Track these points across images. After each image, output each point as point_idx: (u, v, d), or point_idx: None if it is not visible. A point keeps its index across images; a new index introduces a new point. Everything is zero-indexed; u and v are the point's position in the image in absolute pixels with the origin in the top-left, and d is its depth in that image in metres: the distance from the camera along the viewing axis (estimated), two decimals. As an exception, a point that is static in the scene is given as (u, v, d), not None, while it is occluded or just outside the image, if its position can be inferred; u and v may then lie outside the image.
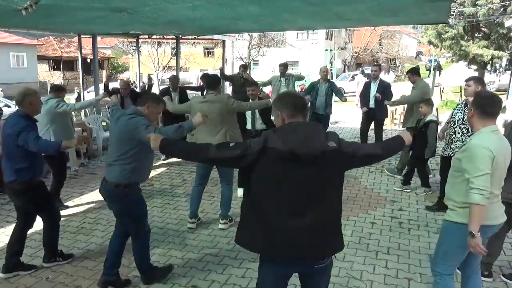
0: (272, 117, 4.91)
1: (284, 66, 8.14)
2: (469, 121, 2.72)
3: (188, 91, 7.76)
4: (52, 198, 3.77)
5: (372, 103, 7.12)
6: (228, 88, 11.92)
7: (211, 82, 4.45)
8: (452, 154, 4.52)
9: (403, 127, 6.44)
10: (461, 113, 4.64)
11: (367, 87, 7.28)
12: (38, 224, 3.76)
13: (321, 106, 7.33)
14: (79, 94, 17.95)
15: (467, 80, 4.58)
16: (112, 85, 10.43)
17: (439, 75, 25.18)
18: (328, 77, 7.70)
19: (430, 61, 35.64)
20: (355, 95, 17.09)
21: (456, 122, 4.67)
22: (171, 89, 7.25)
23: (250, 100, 5.14)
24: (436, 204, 5.10)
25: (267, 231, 2.04)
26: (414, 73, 6.39)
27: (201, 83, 8.96)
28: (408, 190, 5.78)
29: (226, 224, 4.52)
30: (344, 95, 8.16)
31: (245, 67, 9.13)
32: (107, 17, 5.29)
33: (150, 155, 3.26)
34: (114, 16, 5.11)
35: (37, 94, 3.54)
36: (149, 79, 7.88)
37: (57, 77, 33.93)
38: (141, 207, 3.29)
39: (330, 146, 2.01)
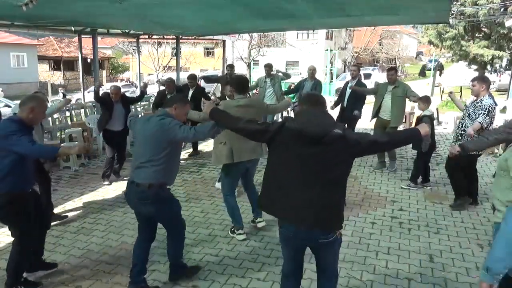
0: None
1: (268, 67, 8.18)
2: None
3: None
4: (32, 217, 3.29)
5: (345, 103, 7.26)
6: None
7: (240, 85, 4.13)
8: None
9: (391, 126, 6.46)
10: (465, 109, 4.85)
11: (345, 86, 7.40)
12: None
13: None
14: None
15: (472, 80, 4.86)
16: (112, 84, 10.47)
17: (440, 75, 25.20)
18: (316, 76, 8.05)
19: (430, 61, 35.65)
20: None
21: (462, 119, 4.93)
22: (166, 92, 7.01)
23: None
24: (456, 199, 5.17)
25: (278, 196, 2.40)
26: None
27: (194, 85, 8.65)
28: (428, 188, 5.89)
29: (263, 222, 4.44)
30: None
31: (231, 67, 8.85)
32: (107, 8, 5.25)
33: (178, 157, 3.33)
34: (114, 7, 5.06)
35: (43, 103, 3.28)
36: (145, 86, 7.36)
37: (58, 77, 33.96)
38: (175, 204, 3.34)
39: (335, 131, 2.29)
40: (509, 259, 2.02)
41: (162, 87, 9.23)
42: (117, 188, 5.92)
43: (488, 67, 18.00)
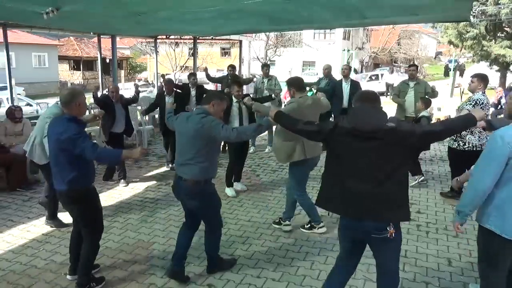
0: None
1: (266, 67, 8.18)
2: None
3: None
4: (101, 212, 3.40)
5: (345, 103, 7.27)
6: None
7: (300, 84, 4.20)
8: (460, 146, 5.08)
9: None
10: (466, 104, 5.02)
11: (340, 86, 7.48)
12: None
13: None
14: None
15: (472, 77, 5.08)
16: (128, 85, 10.53)
17: (461, 76, 24.69)
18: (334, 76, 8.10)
19: (450, 61, 35.00)
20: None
21: None
22: (165, 93, 6.75)
23: (234, 100, 5.48)
24: (450, 191, 5.44)
25: (336, 193, 2.51)
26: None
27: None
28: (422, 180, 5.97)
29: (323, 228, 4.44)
30: None
31: (233, 67, 8.68)
32: (126, 18, 5.38)
33: (219, 150, 3.49)
34: (133, 19, 5.21)
35: (83, 94, 3.25)
36: (136, 87, 7.19)
37: (77, 77, 34.64)
38: (218, 199, 3.46)
39: (388, 125, 2.38)
40: (473, 204, 2.54)
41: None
42: (134, 187, 5.99)
43: (511, 67, 17.57)
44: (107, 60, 25.74)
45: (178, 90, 7.21)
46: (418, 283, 3.46)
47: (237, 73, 9.19)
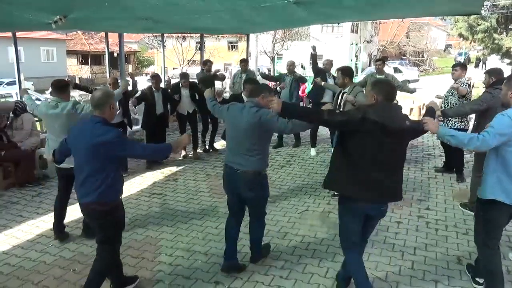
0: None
1: (245, 62, 8.22)
2: (504, 99, 3.02)
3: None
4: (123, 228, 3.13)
5: (328, 97, 6.89)
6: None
7: (353, 74, 5.01)
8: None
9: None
10: (453, 96, 5.66)
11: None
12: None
13: (286, 97, 7.32)
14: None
15: (454, 66, 5.78)
16: (138, 79, 10.43)
17: (476, 67, 24.26)
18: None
19: (460, 54, 34.53)
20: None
21: (450, 104, 5.68)
22: (154, 89, 6.56)
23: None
24: (443, 167, 6.39)
25: (359, 181, 2.75)
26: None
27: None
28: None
29: None
30: None
31: (205, 63, 8.16)
32: (133, 23, 5.39)
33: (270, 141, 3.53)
34: (140, 22, 5.22)
35: (115, 96, 3.03)
36: (132, 78, 7.18)
37: (85, 71, 34.79)
38: (268, 190, 3.54)
39: (407, 123, 2.74)
40: (458, 140, 2.85)
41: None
42: (143, 182, 6.01)
43: (523, 60, 17.29)
44: (115, 55, 25.83)
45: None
46: (427, 281, 3.43)
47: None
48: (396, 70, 23.76)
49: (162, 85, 7.51)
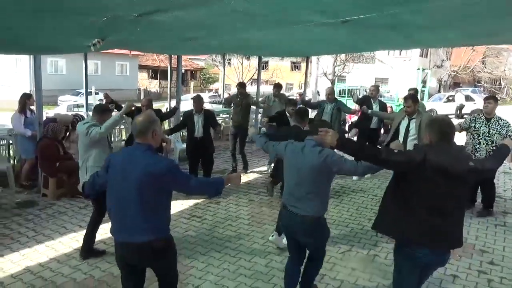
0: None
1: (278, 87, 8.44)
2: None
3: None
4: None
5: (374, 123, 7.46)
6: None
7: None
8: None
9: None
10: (486, 127, 5.39)
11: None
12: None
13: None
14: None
15: (486, 99, 5.53)
16: (204, 95, 10.52)
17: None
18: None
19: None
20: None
21: (481, 135, 5.42)
22: (194, 112, 6.30)
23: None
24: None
25: (420, 226, 2.53)
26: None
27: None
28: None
29: None
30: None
31: (241, 85, 7.96)
32: (180, 44, 5.46)
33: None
34: (187, 44, 5.26)
35: (159, 122, 2.79)
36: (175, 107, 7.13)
37: (154, 85, 36.75)
38: (328, 232, 3.35)
39: (470, 165, 2.55)
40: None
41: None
42: (184, 202, 5.96)
43: None
44: (183, 70, 27.04)
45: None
46: None
47: (299, 89, 8.95)
48: (468, 98, 22.17)
49: (209, 106, 7.50)
